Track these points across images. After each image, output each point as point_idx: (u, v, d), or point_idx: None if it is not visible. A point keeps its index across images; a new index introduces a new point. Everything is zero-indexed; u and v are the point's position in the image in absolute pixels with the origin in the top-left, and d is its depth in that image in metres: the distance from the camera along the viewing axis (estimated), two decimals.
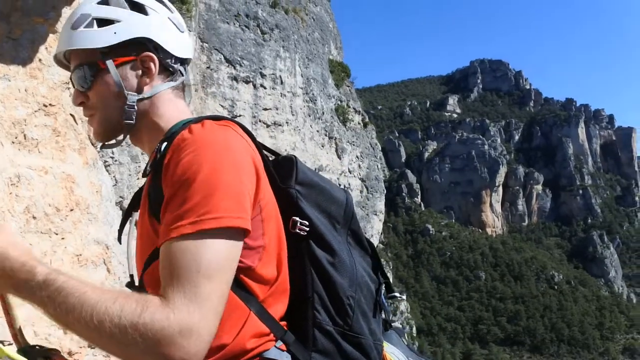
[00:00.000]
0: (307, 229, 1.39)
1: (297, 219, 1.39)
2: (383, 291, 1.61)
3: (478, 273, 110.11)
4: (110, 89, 1.35)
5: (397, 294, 1.69)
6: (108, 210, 3.03)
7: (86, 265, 2.68)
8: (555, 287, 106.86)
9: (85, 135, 2.94)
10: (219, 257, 1.10)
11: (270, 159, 1.48)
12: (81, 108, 1.43)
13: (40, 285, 1.09)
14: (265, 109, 23.97)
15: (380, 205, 32.02)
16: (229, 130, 1.27)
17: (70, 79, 1.40)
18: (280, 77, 25.02)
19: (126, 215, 1.52)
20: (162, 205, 1.18)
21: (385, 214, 42.34)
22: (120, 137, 1.44)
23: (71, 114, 2.81)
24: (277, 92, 24.73)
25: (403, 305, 74.96)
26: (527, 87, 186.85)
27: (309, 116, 26.68)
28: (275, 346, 1.31)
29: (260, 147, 1.39)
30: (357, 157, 30.21)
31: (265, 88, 24.02)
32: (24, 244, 1.22)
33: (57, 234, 2.52)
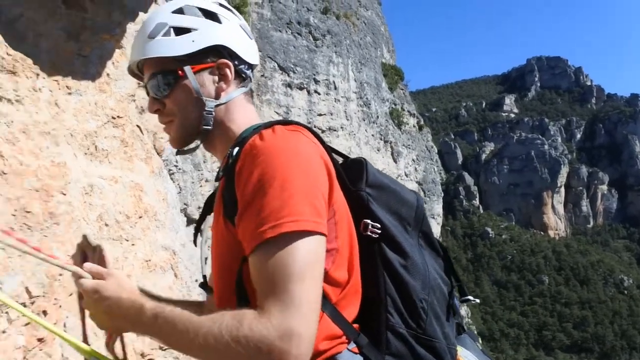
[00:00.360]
0: (379, 231, 1.38)
1: (369, 221, 1.38)
2: (456, 294, 1.60)
3: (541, 277, 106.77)
4: (189, 96, 1.39)
5: (470, 297, 1.66)
6: (174, 217, 3.13)
7: (155, 270, 2.77)
8: (625, 291, 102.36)
9: (150, 145, 3.05)
10: (305, 257, 1.11)
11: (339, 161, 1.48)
12: (154, 116, 1.48)
13: (150, 320, 1.21)
14: (320, 115, 24.09)
15: (438, 208, 31.58)
16: (300, 135, 1.27)
17: (145, 87, 1.43)
18: (333, 82, 25.10)
19: (201, 218, 1.55)
20: (237, 212, 1.21)
21: (443, 218, 41.72)
22: (196, 144, 1.46)
23: (137, 125, 2.92)
24: (331, 98, 24.81)
25: (463, 310, 73.54)
26: (588, 83, 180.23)
27: (364, 120, 26.63)
28: (347, 348, 1.30)
29: (330, 150, 1.39)
30: (413, 160, 29.93)
31: (319, 94, 24.16)
32: (131, 284, 1.35)
33: (127, 240, 2.63)
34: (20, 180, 2.03)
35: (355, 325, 1.35)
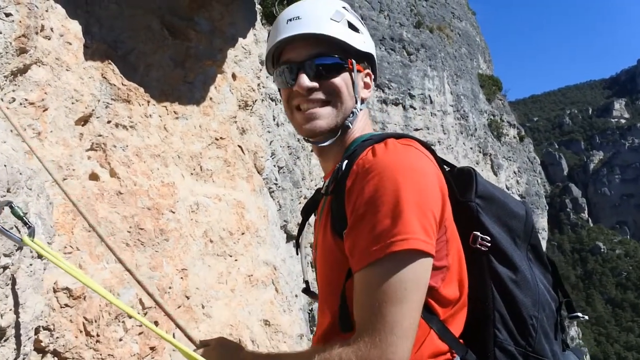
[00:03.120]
0: (489, 244, 1.35)
1: (478, 233, 1.36)
2: (563, 310, 1.55)
3: None
4: (349, 87, 1.41)
5: (579, 314, 1.60)
6: (274, 233, 3.23)
7: (257, 285, 2.88)
8: None
9: (252, 164, 3.18)
10: (408, 280, 1.10)
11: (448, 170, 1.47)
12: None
13: None
14: (416, 130, 23.87)
15: (543, 222, 30.17)
16: (412, 149, 1.26)
17: (303, 62, 1.39)
18: (429, 96, 24.84)
19: (302, 223, 1.59)
20: (346, 228, 1.22)
21: (549, 232, 39.77)
22: (326, 139, 1.43)
23: (239, 145, 3.06)
24: (427, 112, 24.55)
25: (574, 331, 69.41)
26: None
27: (461, 133, 26.11)
28: None
29: (440, 161, 1.38)
30: (514, 172, 28.88)
31: (414, 109, 23.98)
32: (234, 344, 1.49)
33: (231, 256, 2.75)
34: (134, 199, 2.19)
35: (461, 341, 1.33)
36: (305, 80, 1.38)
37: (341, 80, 1.39)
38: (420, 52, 24.67)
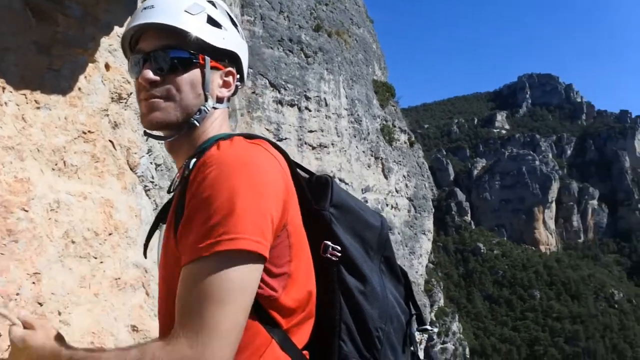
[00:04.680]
0: (339, 254, 1.32)
1: (329, 243, 1.32)
2: (414, 324, 1.55)
3: (532, 292, 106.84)
4: (196, 85, 1.32)
5: (428, 327, 1.61)
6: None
7: (124, 288, 2.71)
8: (616, 305, 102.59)
9: (124, 161, 3.01)
10: (233, 281, 1.05)
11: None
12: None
13: None
14: (311, 131, 24.11)
15: (429, 224, 31.56)
16: (259, 148, 1.22)
17: (149, 53, 1.32)
18: (324, 99, 25.19)
19: (153, 228, 1.48)
20: (180, 223, 1.15)
21: (434, 233, 41.70)
22: (168, 134, 1.37)
23: (110, 140, 2.88)
24: (322, 114, 24.87)
25: (455, 326, 73.30)
26: (579, 100, 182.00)
27: (355, 137, 26.69)
28: None
29: (295, 166, 1.34)
30: (404, 176, 29.98)
31: (310, 110, 24.21)
32: (56, 332, 1.32)
33: (95, 258, 2.57)
34: None
35: (306, 353, 1.28)
36: (148, 72, 1.30)
37: (187, 76, 1.31)
38: (318, 55, 24.98)
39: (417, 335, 1.63)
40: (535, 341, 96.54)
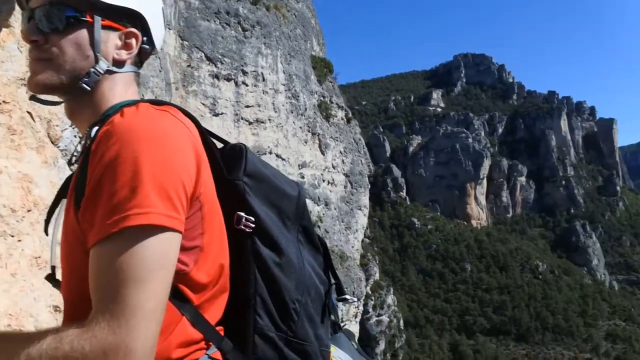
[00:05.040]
0: (253, 225, 1.26)
1: (243, 214, 1.26)
2: (333, 293, 1.50)
3: (464, 265, 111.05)
4: (83, 45, 1.20)
5: (347, 296, 1.56)
6: None
7: (45, 267, 2.59)
8: (540, 276, 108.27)
9: (44, 134, 2.85)
10: (149, 258, 0.98)
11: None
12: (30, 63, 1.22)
13: None
14: (248, 107, 23.83)
15: (365, 200, 32.00)
16: (167, 115, 1.12)
17: (33, 9, 1.20)
18: (262, 74, 24.88)
19: (54, 203, 1.35)
20: (83, 198, 1.05)
21: (370, 209, 42.38)
22: (58, 99, 1.26)
23: (28, 112, 2.71)
24: (259, 89, 24.58)
25: (390, 299, 75.23)
26: (510, 80, 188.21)
27: (292, 112, 26.56)
28: (207, 354, 1.18)
29: (206, 134, 1.26)
30: (340, 152, 30.18)
31: (247, 85, 23.87)
32: None
33: (13, 236, 2.43)
34: None
35: (220, 328, 1.24)
36: (28, 32, 1.19)
37: (72, 36, 1.19)
38: (256, 29, 24.58)
39: (341, 306, 1.60)
40: (465, 311, 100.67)
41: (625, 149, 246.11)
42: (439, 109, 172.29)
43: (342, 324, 1.63)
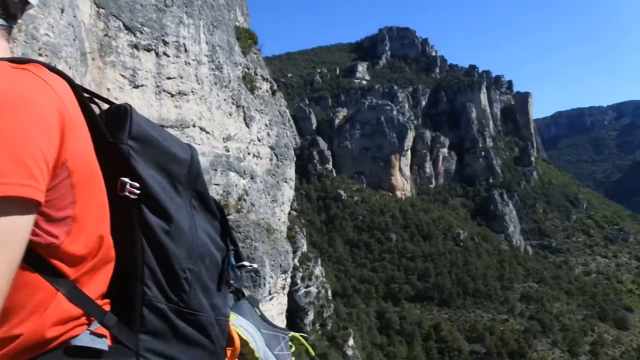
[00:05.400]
0: (138, 191, 1.18)
1: (127, 180, 1.17)
2: (232, 260, 1.45)
3: (389, 235, 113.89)
4: None
5: (245, 263, 1.51)
6: None
7: None
8: (461, 244, 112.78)
9: None
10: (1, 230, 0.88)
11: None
12: None
13: None
14: (169, 78, 23.15)
15: (291, 172, 32.08)
16: (27, 74, 1.00)
17: None
18: (184, 44, 24.17)
19: None
20: None
21: (297, 181, 42.57)
22: None
23: None
24: (181, 61, 23.91)
25: (318, 270, 76.44)
26: (433, 54, 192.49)
27: (215, 84, 26.08)
28: (88, 330, 1.10)
29: (82, 93, 1.16)
30: (266, 125, 30.00)
31: (168, 56, 23.15)
32: None
33: None
34: None
35: (105, 302, 1.17)
36: None
37: None
38: None
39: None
40: (391, 280, 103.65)
41: (539, 121, 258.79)
42: (364, 82, 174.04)
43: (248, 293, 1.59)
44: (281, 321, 19.75)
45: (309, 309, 73.43)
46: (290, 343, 1.62)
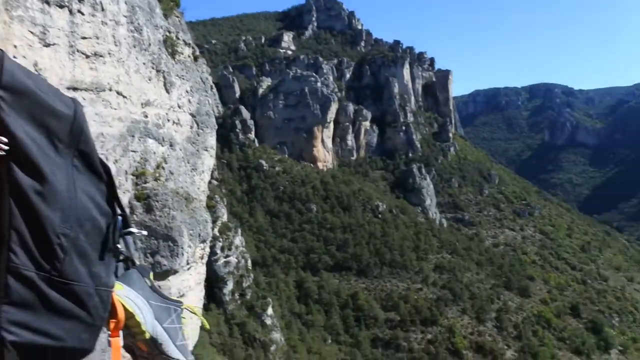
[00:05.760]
0: (7, 147, 1.09)
1: None
2: (120, 226, 1.35)
3: (310, 206, 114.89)
4: None
5: (133, 230, 1.41)
6: None
7: None
8: (379, 216, 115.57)
9: None
10: None
11: None
12: None
13: None
14: (84, 38, 21.95)
15: (212, 141, 31.53)
16: None
17: None
18: (100, 3, 22.95)
19: None
20: None
21: (218, 150, 41.96)
22: None
23: None
24: (97, 20, 22.70)
25: (238, 240, 76.24)
26: (359, 27, 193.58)
27: (134, 47, 24.98)
28: None
29: None
30: (186, 91, 29.18)
31: (83, 14, 21.89)
32: None
33: None
34: None
35: None
36: None
37: None
38: None
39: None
40: (311, 250, 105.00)
41: (458, 99, 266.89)
42: (290, 52, 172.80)
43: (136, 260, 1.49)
44: (199, 291, 19.63)
45: (228, 278, 73.38)
46: (183, 316, 1.52)
